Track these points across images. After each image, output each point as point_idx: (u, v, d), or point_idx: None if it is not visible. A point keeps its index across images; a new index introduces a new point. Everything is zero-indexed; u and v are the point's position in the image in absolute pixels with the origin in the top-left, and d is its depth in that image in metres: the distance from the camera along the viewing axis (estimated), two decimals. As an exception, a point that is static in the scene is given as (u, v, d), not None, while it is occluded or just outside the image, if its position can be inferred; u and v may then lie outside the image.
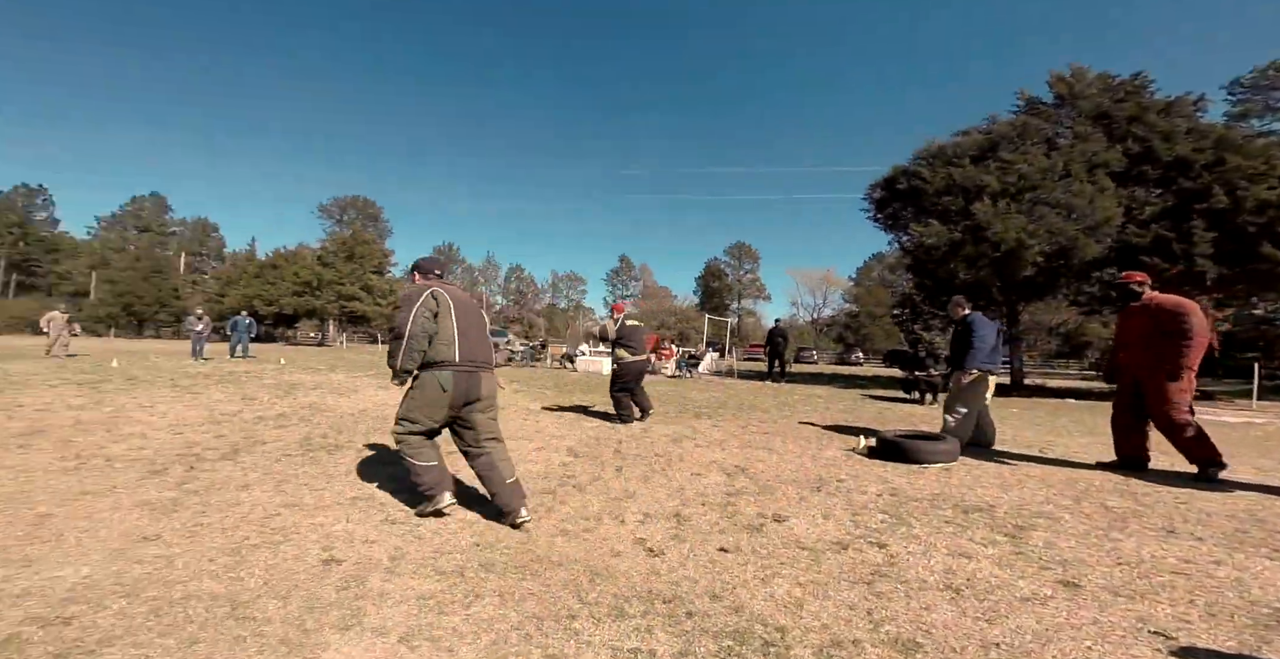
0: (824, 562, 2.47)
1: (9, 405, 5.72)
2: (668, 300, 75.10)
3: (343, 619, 1.81)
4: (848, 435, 5.94)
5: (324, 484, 3.44)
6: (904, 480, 4.02)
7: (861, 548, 2.65)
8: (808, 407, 8.81)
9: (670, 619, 1.93)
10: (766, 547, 2.66)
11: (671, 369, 16.16)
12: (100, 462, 3.70)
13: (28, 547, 2.21)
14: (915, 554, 2.57)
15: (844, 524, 3.00)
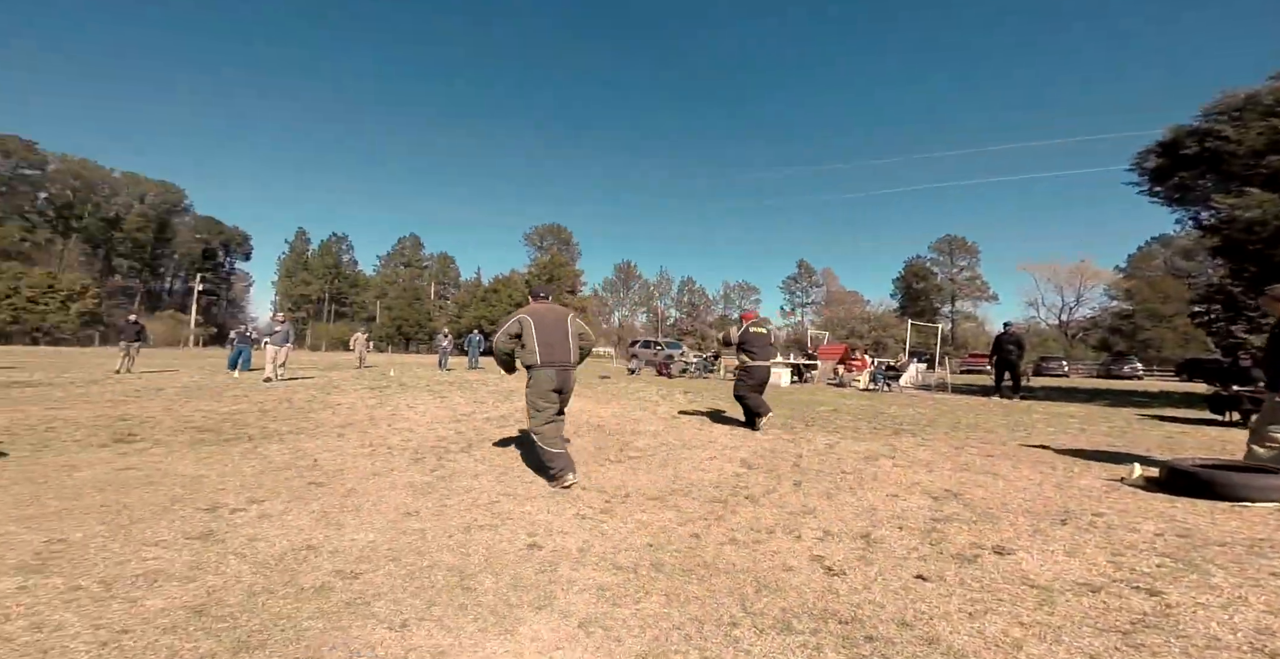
0: (1060, 603, 2.05)
1: (332, 403, 7.82)
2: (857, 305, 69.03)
3: (537, 600, 2.08)
4: (1113, 463, 4.77)
5: (532, 478, 3.99)
6: (1203, 520, 3.10)
7: (1121, 593, 2.12)
8: (1052, 427, 7.28)
9: (845, 640, 1.81)
10: (980, 580, 2.31)
11: (865, 382, 14.80)
12: (384, 449, 4.84)
13: (340, 513, 3.02)
14: (1208, 606, 1.98)
15: (1097, 564, 2.44)
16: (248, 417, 6.37)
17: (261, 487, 3.46)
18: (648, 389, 12.58)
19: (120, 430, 5.14)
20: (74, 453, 4.19)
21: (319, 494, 3.35)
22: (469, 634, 1.79)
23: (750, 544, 2.74)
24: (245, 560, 2.31)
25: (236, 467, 3.97)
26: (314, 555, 2.39)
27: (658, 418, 7.56)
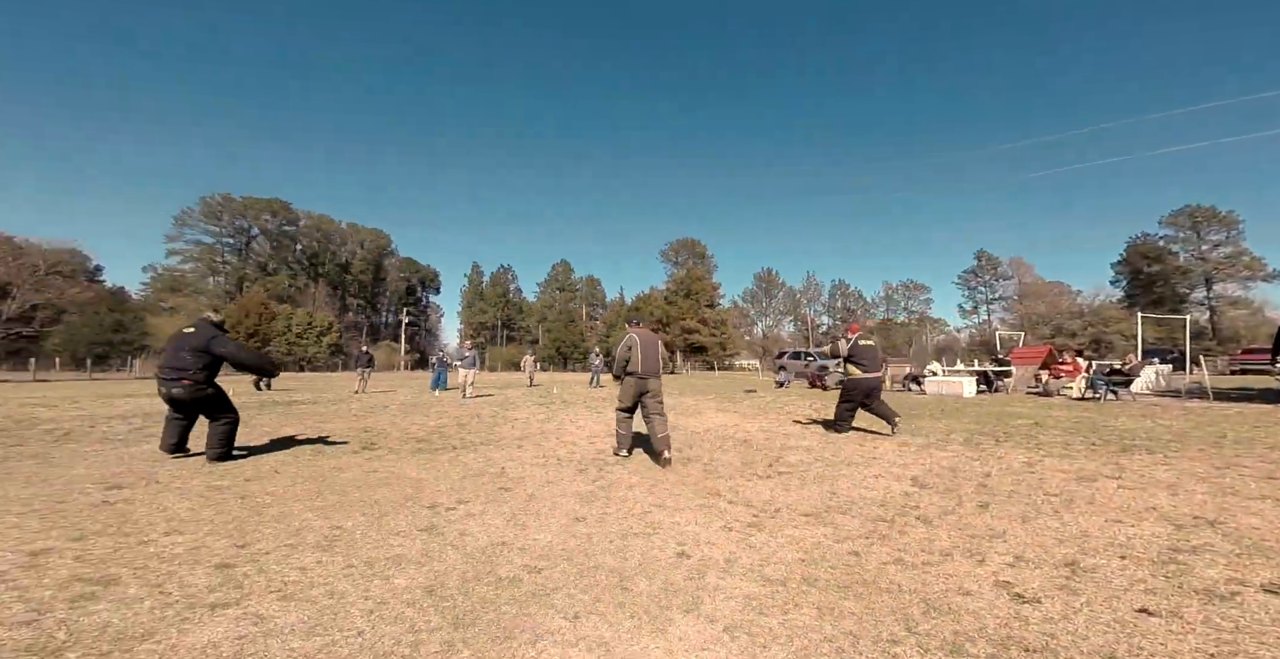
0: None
1: (510, 419, 8.98)
2: (1063, 298, 58.44)
3: (686, 604, 2.27)
4: None
5: (679, 490, 4.23)
6: None
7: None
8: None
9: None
10: (1236, 620, 1.98)
11: (1079, 389, 12.45)
12: (554, 460, 5.49)
13: (524, 516, 3.56)
14: None
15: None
16: (449, 430, 7.63)
17: (465, 490, 4.20)
18: (799, 403, 12.20)
19: (365, 440, 6.55)
20: (339, 457, 5.47)
21: (507, 498, 3.97)
22: (626, 629, 2.05)
23: (920, 566, 2.64)
24: (458, 551, 2.87)
25: (446, 472, 4.85)
26: (506, 550, 2.89)
27: (811, 433, 7.37)
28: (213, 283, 69.27)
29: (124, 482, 4.26)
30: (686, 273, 51.31)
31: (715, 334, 43.80)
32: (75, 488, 4.00)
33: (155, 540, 2.91)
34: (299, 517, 3.41)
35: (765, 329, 79.80)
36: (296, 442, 6.41)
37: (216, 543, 2.89)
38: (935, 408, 10.65)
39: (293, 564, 2.63)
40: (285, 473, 4.67)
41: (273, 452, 5.70)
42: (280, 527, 3.20)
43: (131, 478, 4.41)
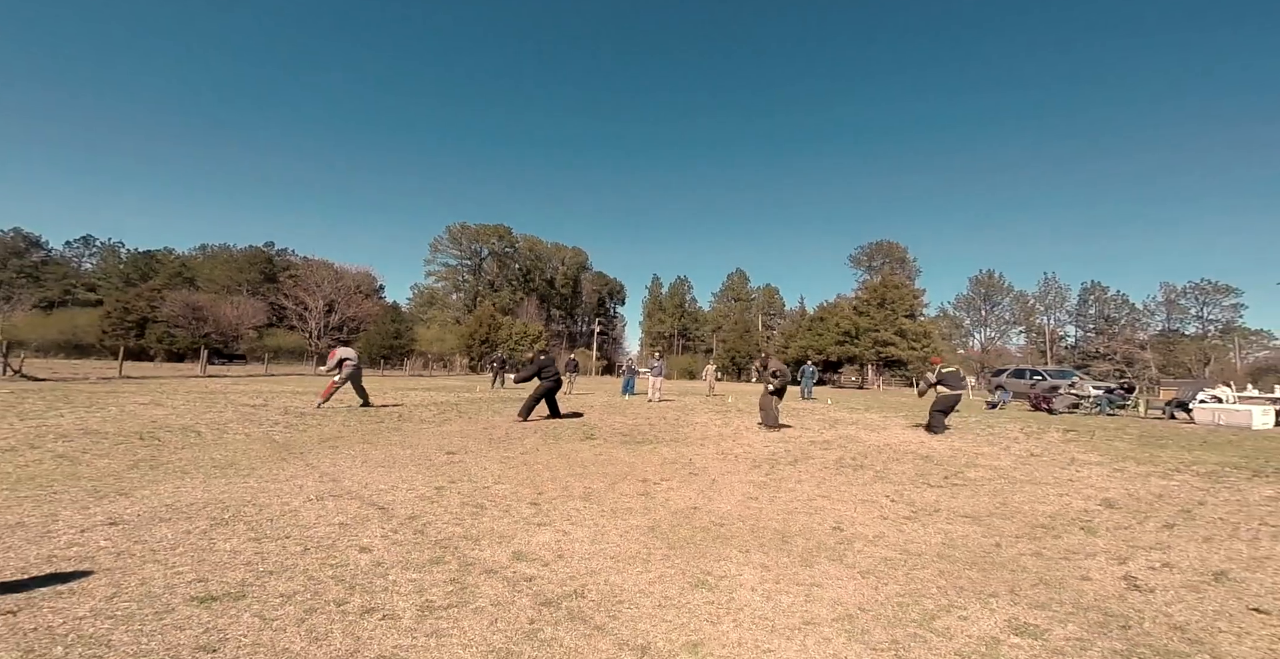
0: None
1: (691, 422, 10.23)
2: None
3: (831, 556, 3.10)
4: None
5: (845, 488, 4.90)
6: None
7: None
8: None
9: (1094, 624, 2.23)
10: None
11: None
12: (731, 457, 6.51)
13: (709, 492, 4.64)
14: None
15: None
16: (644, 428, 9.16)
17: (664, 472, 5.47)
18: (1009, 425, 11.23)
19: (585, 432, 8.37)
20: (572, 443, 7.26)
21: (695, 480, 5.11)
22: (782, 563, 2.98)
23: (1056, 559, 3.07)
24: (666, 509, 4.08)
25: (648, 459, 6.21)
26: (698, 512, 4.00)
27: (1009, 454, 7.15)
28: (455, 298, 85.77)
29: (453, 449, 6.49)
30: (881, 279, 47.62)
31: (916, 347, 39.87)
32: (428, 453, 6.27)
33: (490, 487, 4.68)
34: (563, 479, 5.00)
35: (985, 341, 69.21)
36: (539, 429, 8.50)
37: (524, 491, 4.55)
38: (1197, 439, 8.96)
39: (570, 507, 4.10)
40: (543, 452, 6.51)
41: (527, 437, 7.76)
42: (555, 484, 4.80)
43: (454, 447, 6.64)
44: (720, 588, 2.60)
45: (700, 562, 2.96)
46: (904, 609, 2.41)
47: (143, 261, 71.50)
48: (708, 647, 2.05)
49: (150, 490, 3.88)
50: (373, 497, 4.03)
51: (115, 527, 3.04)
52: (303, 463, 5.16)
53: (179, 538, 2.91)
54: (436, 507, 3.88)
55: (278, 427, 7.60)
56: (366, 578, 2.52)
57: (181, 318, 51.55)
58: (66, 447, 5.33)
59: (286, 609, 2.16)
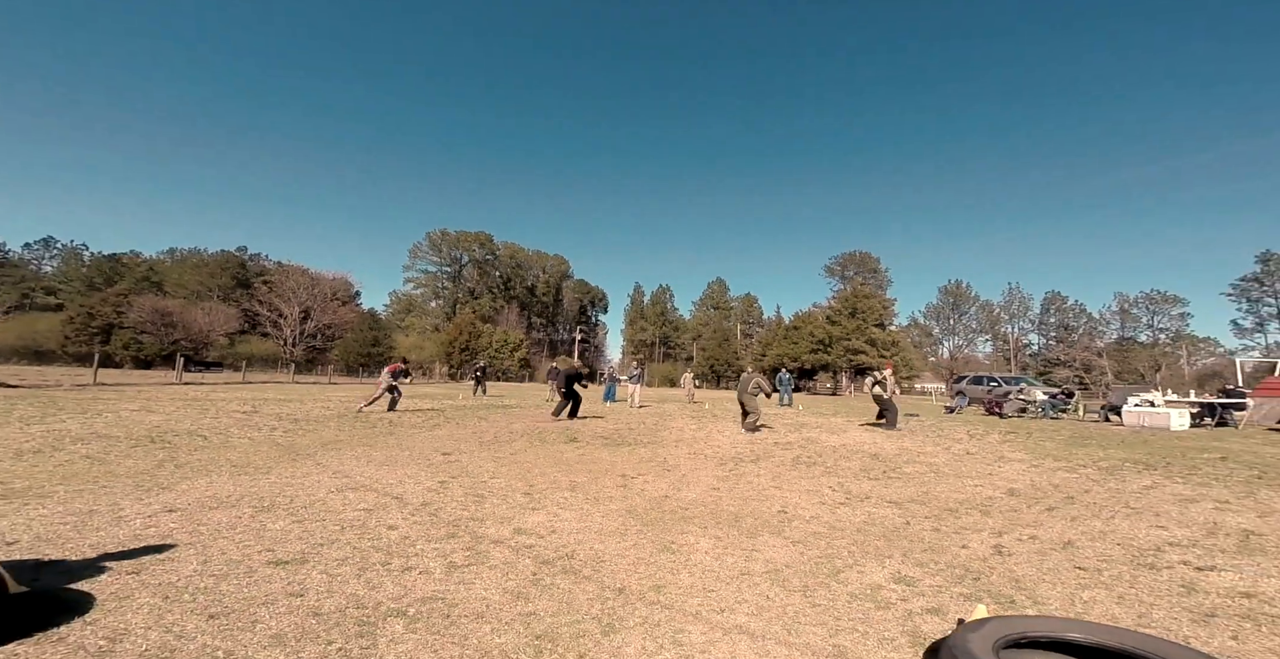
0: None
1: (668, 427, 10.95)
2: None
3: (772, 530, 3.83)
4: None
5: (796, 481, 5.66)
6: None
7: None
8: None
9: (958, 579, 2.99)
10: (1152, 587, 2.98)
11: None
12: (701, 457, 7.23)
13: (679, 484, 5.34)
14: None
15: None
16: (624, 432, 9.84)
17: (641, 468, 6.16)
18: (959, 428, 12.20)
19: (569, 435, 9.01)
20: (557, 445, 7.90)
21: (668, 475, 5.82)
22: (732, 537, 3.70)
23: (949, 533, 3.86)
24: (641, 497, 4.77)
25: (626, 458, 6.90)
26: (668, 499, 4.70)
27: (947, 453, 8.01)
28: (434, 305, 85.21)
29: (447, 450, 7.08)
30: (851, 290, 49.31)
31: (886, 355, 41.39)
32: (425, 454, 6.84)
33: (487, 481, 5.30)
34: (551, 475, 5.66)
35: (953, 349, 71.67)
36: (525, 433, 9.11)
37: (516, 483, 5.19)
38: (1117, 439, 10.01)
39: (559, 495, 4.76)
40: (531, 453, 7.14)
41: (515, 440, 8.37)
42: (544, 478, 5.45)
43: (448, 449, 7.23)
44: (681, 552, 3.30)
45: (667, 535, 3.66)
46: (818, 566, 3.14)
47: (107, 265, 69.48)
48: (668, 589, 2.74)
49: (186, 485, 4.42)
50: (386, 489, 4.64)
51: (174, 513, 3.60)
52: (312, 463, 5.71)
53: (233, 521, 3.49)
54: (443, 496, 4.51)
55: (276, 432, 8.07)
56: (399, 547, 3.15)
57: (150, 324, 50.34)
58: (88, 449, 5.77)
59: (344, 569, 2.79)
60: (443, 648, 2.04)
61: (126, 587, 2.41)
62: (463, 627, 2.22)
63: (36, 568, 2.58)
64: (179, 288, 64.26)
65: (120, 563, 2.68)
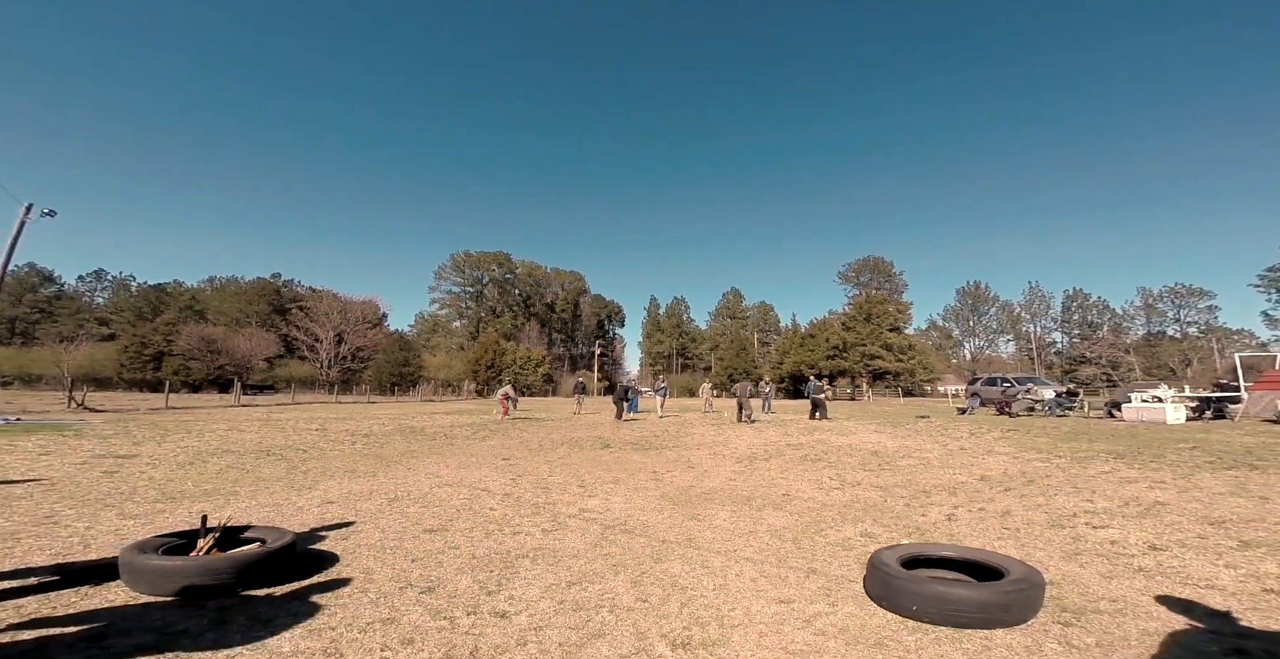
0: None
1: (689, 433, 12.10)
2: None
3: (776, 506, 4.99)
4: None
5: (801, 473, 6.79)
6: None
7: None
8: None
9: (908, 534, 4.14)
10: (1070, 545, 4.10)
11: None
12: (720, 457, 8.38)
13: (701, 477, 6.51)
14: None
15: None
16: (650, 438, 11.04)
17: (669, 467, 7.36)
18: (964, 427, 13.12)
19: (602, 442, 10.25)
20: (594, 451, 9.14)
21: (692, 471, 7.01)
22: (743, 511, 4.87)
23: (917, 507, 4.96)
24: (671, 486, 5.96)
25: (655, 459, 8.10)
26: (693, 488, 5.89)
27: (943, 449, 9.05)
28: (458, 325, 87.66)
29: (506, 456, 8.37)
30: (865, 296, 49.91)
31: (902, 359, 41.89)
32: (488, 459, 8.12)
33: (547, 478, 6.54)
34: (596, 473, 6.89)
35: (975, 351, 71.27)
36: (564, 442, 10.38)
37: (571, 480, 6.43)
38: (1109, 433, 10.85)
39: (606, 487, 5.98)
40: (575, 457, 8.40)
41: (558, 447, 9.64)
42: (592, 476, 6.69)
43: (505, 455, 8.52)
44: (704, 520, 4.50)
45: (693, 510, 4.87)
46: (807, 528, 4.30)
47: (153, 295, 73.45)
48: (696, 540, 3.93)
49: (325, 485, 5.76)
50: (473, 485, 5.93)
51: (334, 504, 4.92)
52: (404, 468, 7.04)
53: (379, 508, 4.79)
54: (519, 489, 5.78)
55: (357, 445, 9.47)
56: (504, 520, 4.41)
57: (196, 350, 53.20)
58: (225, 462, 7.19)
59: (475, 533, 4.05)
60: (557, 572, 3.27)
61: (348, 547, 3.69)
62: (566, 562, 3.45)
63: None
64: (220, 315, 67.58)
65: (329, 534, 3.98)
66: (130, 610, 2.46)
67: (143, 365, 52.13)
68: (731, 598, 2.83)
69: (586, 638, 2.35)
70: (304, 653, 2.15)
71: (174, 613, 2.43)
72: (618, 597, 2.84)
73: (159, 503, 4.71)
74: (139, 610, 2.46)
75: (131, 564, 2.54)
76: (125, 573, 2.60)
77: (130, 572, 2.55)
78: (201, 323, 60.90)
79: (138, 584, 2.56)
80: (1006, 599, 2.36)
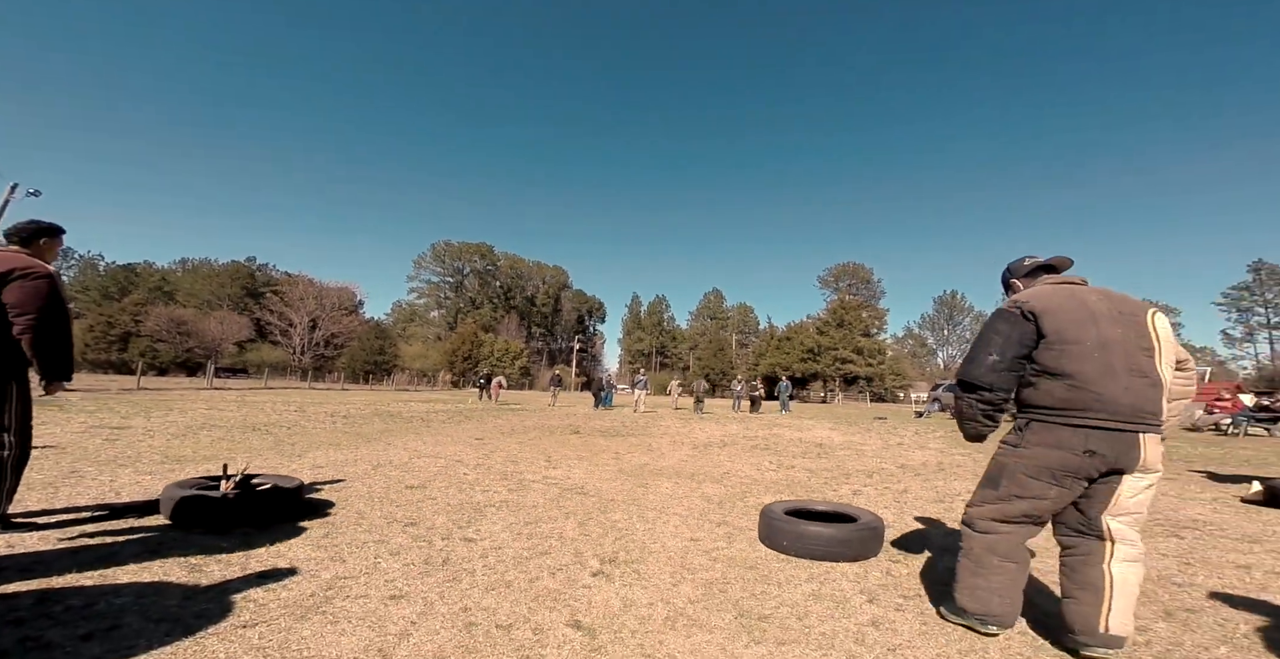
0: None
1: (657, 423, 12.86)
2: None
3: (714, 480, 5.77)
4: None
5: (747, 458, 7.59)
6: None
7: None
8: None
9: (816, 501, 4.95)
10: (902, 497, 4.93)
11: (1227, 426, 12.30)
12: (679, 444, 9.15)
13: (658, 458, 7.26)
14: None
15: None
16: (618, 427, 11.78)
17: (630, 449, 8.10)
18: (912, 427, 14.14)
19: (573, 429, 10.95)
20: (565, 436, 9.84)
21: (650, 453, 7.76)
22: (686, 483, 5.63)
23: (833, 485, 5.77)
24: (629, 464, 6.70)
25: (619, 444, 8.83)
26: (648, 466, 6.64)
27: (883, 443, 9.97)
28: (436, 315, 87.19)
29: (479, 437, 9.01)
30: (839, 301, 51.44)
31: (872, 363, 43.31)
32: (463, 439, 8.75)
33: (516, 455, 7.22)
34: (563, 452, 7.60)
35: (948, 359, 73.48)
36: (537, 427, 11.05)
37: (539, 457, 7.12)
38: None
39: (570, 462, 6.68)
40: (545, 440, 9.08)
41: (530, 431, 10.31)
42: (558, 454, 7.39)
43: (479, 436, 9.16)
44: (650, 488, 5.24)
45: (643, 480, 5.61)
46: (734, 496, 5.07)
47: (122, 275, 71.57)
48: (639, 501, 4.67)
49: (312, 455, 6.34)
50: (449, 457, 6.58)
51: (323, 468, 5.53)
52: (383, 443, 7.64)
53: (364, 472, 5.42)
54: (491, 461, 6.46)
55: (337, 424, 10.00)
56: (474, 482, 5.09)
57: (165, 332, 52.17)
58: (214, 435, 7.69)
59: (450, 490, 4.72)
60: (518, 516, 3.97)
61: (341, 497, 4.33)
62: (526, 510, 4.15)
63: (277, 485, 4.50)
64: (191, 297, 66.23)
65: (324, 488, 4.61)
66: (175, 533, 3.09)
67: (108, 346, 50.98)
68: (656, 537, 3.57)
69: (535, 554, 3.07)
70: (314, 559, 2.81)
71: (209, 537, 3.07)
72: (565, 532, 3.56)
73: (166, 464, 5.26)
74: (182, 534, 3.08)
75: (173, 498, 3.16)
76: (165, 505, 3.21)
77: (171, 504, 3.16)
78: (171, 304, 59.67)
79: (176, 514, 3.17)
80: (850, 537, 3.14)
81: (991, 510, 2.21)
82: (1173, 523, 4.33)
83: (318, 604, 2.23)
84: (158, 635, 1.90)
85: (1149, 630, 2.30)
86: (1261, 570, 3.19)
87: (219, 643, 1.88)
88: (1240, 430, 11.63)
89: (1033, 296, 2.16)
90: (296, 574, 2.55)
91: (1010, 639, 2.21)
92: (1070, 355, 2.00)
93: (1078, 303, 2.08)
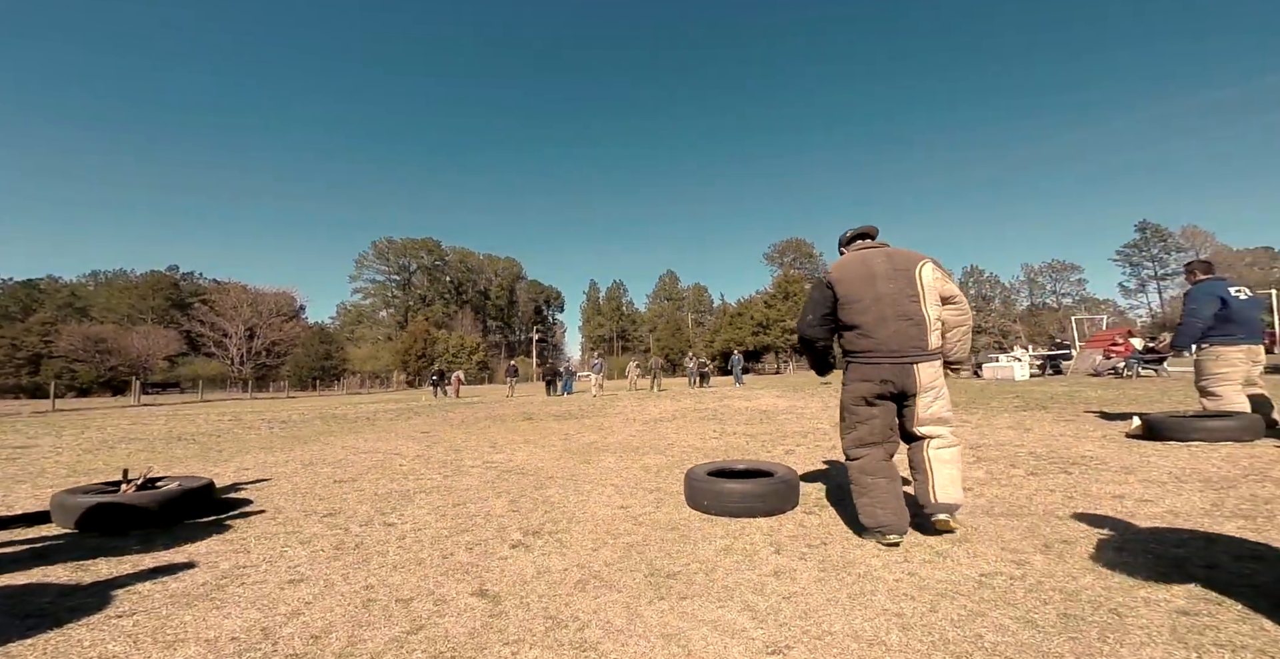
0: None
1: (613, 405, 12.92)
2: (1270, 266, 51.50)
3: (659, 450, 5.87)
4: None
5: (693, 429, 7.74)
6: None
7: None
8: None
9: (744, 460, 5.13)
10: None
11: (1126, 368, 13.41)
12: (631, 421, 9.24)
13: (608, 435, 7.31)
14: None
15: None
16: (573, 411, 11.78)
17: (581, 430, 8.12)
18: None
19: (526, 415, 10.87)
20: (517, 422, 9.76)
21: (600, 433, 7.81)
22: (629, 456, 5.70)
23: (769, 447, 5.97)
24: (576, 443, 6.72)
25: (573, 427, 8.84)
26: (595, 444, 6.68)
27: (822, 407, 10.33)
28: (385, 315, 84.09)
29: (425, 430, 8.82)
30: (785, 275, 52.89)
31: (820, 333, 45.01)
32: (408, 433, 8.55)
33: (461, 444, 7.11)
34: (509, 438, 7.54)
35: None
36: (489, 417, 10.91)
37: (484, 444, 7.04)
38: (965, 388, 12.68)
39: (515, 447, 6.64)
40: (495, 428, 8.98)
41: (480, 421, 10.17)
42: (505, 439, 7.33)
43: (425, 429, 8.97)
44: (594, 464, 5.28)
45: (588, 457, 5.65)
46: (672, 464, 5.18)
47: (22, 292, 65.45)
48: (578, 477, 4.70)
49: (240, 459, 6.05)
50: (388, 451, 6.43)
51: (249, 470, 5.28)
52: (320, 444, 7.38)
53: (294, 471, 5.22)
54: (431, 452, 6.35)
55: (274, 429, 9.58)
56: (409, 472, 4.99)
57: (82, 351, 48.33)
58: (135, 447, 7.22)
59: (381, 481, 4.61)
60: (446, 498, 3.93)
61: (262, 494, 4.17)
62: (458, 493, 4.11)
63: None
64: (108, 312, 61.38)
65: (245, 487, 4.42)
66: (67, 538, 2.90)
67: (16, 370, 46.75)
68: (586, 508, 3.61)
69: (455, 533, 3.05)
70: (217, 552, 2.71)
71: (104, 539, 2.90)
72: (493, 510, 3.56)
73: (72, 477, 4.91)
74: (74, 538, 2.90)
75: (63, 503, 2.96)
76: (56, 512, 3.00)
77: (61, 510, 2.96)
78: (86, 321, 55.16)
79: (68, 521, 2.98)
80: (765, 491, 3.26)
81: (850, 438, 2.82)
82: (1064, 460, 4.70)
83: (208, 592, 2.15)
84: (20, 630, 1.80)
85: (1026, 563, 2.41)
86: (1133, 499, 3.49)
87: (87, 632, 1.79)
88: (1133, 372, 12.71)
89: (835, 268, 2.78)
90: (193, 567, 2.45)
91: (900, 581, 2.37)
92: (855, 311, 2.64)
93: (865, 268, 2.66)
